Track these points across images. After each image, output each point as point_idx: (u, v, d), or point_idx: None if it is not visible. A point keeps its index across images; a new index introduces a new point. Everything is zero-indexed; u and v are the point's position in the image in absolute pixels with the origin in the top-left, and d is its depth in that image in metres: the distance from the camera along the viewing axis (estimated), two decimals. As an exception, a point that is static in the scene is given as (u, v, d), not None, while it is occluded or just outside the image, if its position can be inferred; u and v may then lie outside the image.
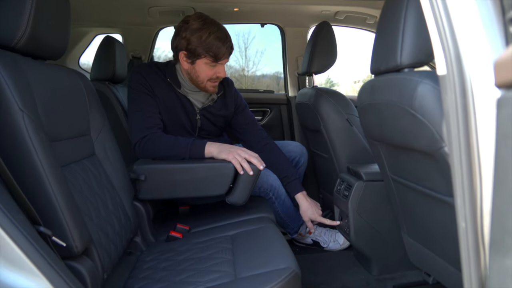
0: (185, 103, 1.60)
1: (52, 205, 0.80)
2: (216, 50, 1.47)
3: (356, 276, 1.58)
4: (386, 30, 1.07)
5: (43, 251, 0.69)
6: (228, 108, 1.70)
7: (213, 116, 1.66)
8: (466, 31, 0.66)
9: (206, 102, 1.63)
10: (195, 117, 1.62)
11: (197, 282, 0.97)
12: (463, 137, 0.67)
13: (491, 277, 0.47)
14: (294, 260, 1.01)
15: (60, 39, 1.02)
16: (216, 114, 1.67)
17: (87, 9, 2.00)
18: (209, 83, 1.55)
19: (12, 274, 0.65)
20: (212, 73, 1.52)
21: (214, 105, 1.65)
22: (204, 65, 1.50)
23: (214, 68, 1.52)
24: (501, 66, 0.43)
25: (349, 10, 2.11)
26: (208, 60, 1.49)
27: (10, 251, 0.66)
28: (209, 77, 1.53)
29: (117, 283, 1.04)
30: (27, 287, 0.65)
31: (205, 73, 1.52)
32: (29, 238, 0.67)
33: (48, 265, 0.68)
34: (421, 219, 1.20)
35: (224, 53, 1.49)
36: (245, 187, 1.37)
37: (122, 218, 1.18)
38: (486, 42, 0.63)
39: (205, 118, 1.65)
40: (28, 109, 0.81)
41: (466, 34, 0.65)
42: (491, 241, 0.47)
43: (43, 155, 0.80)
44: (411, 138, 0.99)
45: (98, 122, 1.22)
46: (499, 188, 0.44)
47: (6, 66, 0.80)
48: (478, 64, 0.64)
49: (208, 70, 1.51)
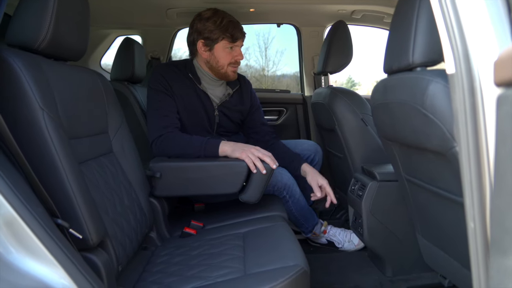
0: (204, 100, 1.64)
1: (69, 199, 0.85)
2: (232, 30, 1.57)
3: (370, 277, 1.57)
4: (398, 29, 1.06)
5: (61, 242, 0.73)
6: (244, 103, 1.76)
7: (230, 112, 1.71)
8: (475, 29, 0.65)
9: (223, 98, 1.68)
10: (213, 113, 1.66)
11: (207, 277, 0.99)
12: (471, 136, 0.66)
13: (492, 277, 0.47)
14: (304, 258, 1.02)
15: (80, 40, 1.07)
16: (233, 109, 1.71)
17: (108, 11, 2.07)
18: (229, 68, 1.63)
19: (31, 263, 0.69)
20: (230, 57, 1.61)
21: (231, 100, 1.70)
22: (222, 50, 1.60)
23: (231, 52, 1.61)
24: (500, 64, 0.43)
25: (365, 8, 2.09)
26: (226, 43, 1.59)
27: (30, 241, 0.70)
28: (228, 61, 1.61)
29: (131, 275, 1.07)
30: (45, 275, 0.69)
31: (224, 58, 1.61)
32: (47, 230, 0.71)
33: (65, 256, 0.71)
34: (435, 220, 1.18)
35: (240, 34, 1.59)
36: (258, 185, 1.38)
37: (138, 213, 1.22)
38: (494, 41, 0.62)
39: (223, 114, 1.69)
40: (48, 108, 0.85)
41: (474, 32, 0.65)
42: (491, 240, 0.47)
43: (61, 152, 0.84)
44: (423, 138, 0.98)
45: (116, 121, 1.27)
46: (498, 187, 0.43)
47: (28, 66, 0.84)
48: (487, 63, 0.63)
49: (226, 54, 1.60)
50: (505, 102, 0.42)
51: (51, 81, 0.91)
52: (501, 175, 0.43)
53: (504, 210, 0.44)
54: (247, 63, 7.22)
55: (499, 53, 0.49)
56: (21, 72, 0.82)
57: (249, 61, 7.02)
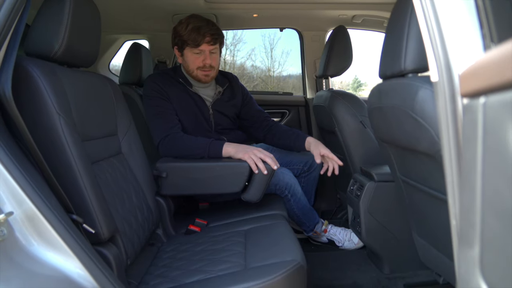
0: (197, 102, 1.71)
1: (83, 196, 0.92)
2: (194, 36, 1.62)
3: (368, 274, 1.62)
4: (392, 36, 1.12)
5: (76, 236, 0.80)
6: (236, 97, 1.83)
7: (224, 108, 1.77)
8: (455, 42, 0.71)
9: (215, 97, 1.75)
10: (208, 112, 1.73)
11: (210, 271, 1.06)
12: (452, 140, 0.72)
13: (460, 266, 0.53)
14: (301, 254, 1.08)
15: (91, 48, 1.14)
16: (226, 105, 1.78)
17: (118, 18, 2.15)
18: (199, 72, 1.68)
19: (50, 254, 0.76)
20: (198, 61, 1.66)
21: (223, 98, 1.77)
22: (190, 55, 1.66)
23: (199, 56, 1.65)
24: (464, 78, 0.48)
25: (366, 14, 2.14)
26: (191, 48, 1.64)
27: (48, 234, 0.77)
28: (197, 66, 1.67)
29: (139, 269, 1.14)
30: (62, 265, 0.76)
31: (193, 63, 1.67)
32: (65, 225, 0.78)
33: (81, 249, 0.78)
34: (429, 219, 1.23)
35: (202, 38, 1.62)
36: (259, 185, 1.44)
37: (145, 211, 1.29)
38: (475, 51, 0.68)
39: (217, 112, 1.75)
40: (64, 113, 0.93)
41: (454, 45, 0.71)
42: (460, 233, 0.53)
43: (76, 154, 0.92)
44: (414, 140, 1.04)
45: (124, 123, 1.34)
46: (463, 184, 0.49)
47: (46, 74, 0.92)
48: (465, 72, 0.69)
49: (195, 59, 1.66)
50: (469, 111, 0.47)
51: (66, 87, 0.99)
52: (466, 174, 0.49)
53: (468, 205, 0.49)
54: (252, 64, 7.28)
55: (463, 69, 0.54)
56: (40, 80, 0.89)
57: (255, 62, 7.08)
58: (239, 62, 6.66)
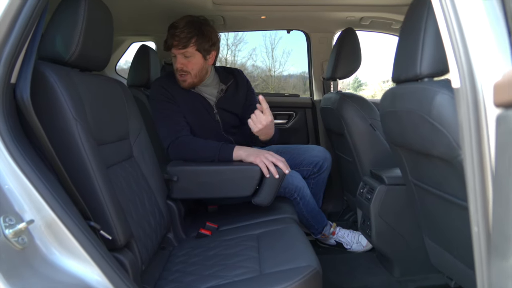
0: (202, 102, 1.70)
1: (99, 202, 0.91)
2: (167, 39, 1.63)
3: (378, 277, 1.61)
4: (406, 40, 1.11)
5: (95, 243, 0.79)
6: (240, 92, 1.79)
7: (228, 104, 1.75)
8: (479, 46, 0.70)
9: (218, 95, 1.74)
10: (213, 112, 1.72)
11: (225, 276, 1.05)
12: (475, 148, 0.71)
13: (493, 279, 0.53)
14: (316, 259, 1.08)
15: (104, 52, 1.14)
16: (230, 101, 1.75)
17: (124, 19, 2.14)
18: (178, 75, 1.67)
19: (69, 261, 0.76)
20: (175, 64, 1.65)
21: (227, 95, 1.75)
22: (172, 58, 1.66)
23: (175, 60, 1.65)
24: (499, 87, 0.48)
25: (374, 15, 2.14)
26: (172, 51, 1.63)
27: (67, 241, 0.77)
28: (175, 69, 1.66)
29: (153, 274, 1.14)
30: (82, 272, 0.76)
31: (174, 65, 1.66)
32: (84, 232, 0.78)
33: (100, 256, 0.78)
34: (441, 223, 1.23)
35: (171, 42, 1.61)
36: (270, 189, 1.44)
37: (157, 215, 1.28)
38: (496, 62, 0.67)
39: (222, 110, 1.74)
40: (80, 118, 0.92)
41: (479, 49, 0.70)
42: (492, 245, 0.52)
43: (92, 159, 0.91)
44: (430, 145, 1.03)
45: (136, 127, 1.33)
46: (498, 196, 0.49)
47: (62, 79, 0.91)
48: (489, 81, 0.68)
49: (174, 62, 1.65)
50: (503, 121, 0.47)
51: (80, 92, 0.98)
52: (500, 186, 0.49)
53: (503, 218, 0.49)
54: (253, 64, 7.26)
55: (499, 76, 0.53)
56: (57, 85, 0.89)
57: (256, 61, 7.07)
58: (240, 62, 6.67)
